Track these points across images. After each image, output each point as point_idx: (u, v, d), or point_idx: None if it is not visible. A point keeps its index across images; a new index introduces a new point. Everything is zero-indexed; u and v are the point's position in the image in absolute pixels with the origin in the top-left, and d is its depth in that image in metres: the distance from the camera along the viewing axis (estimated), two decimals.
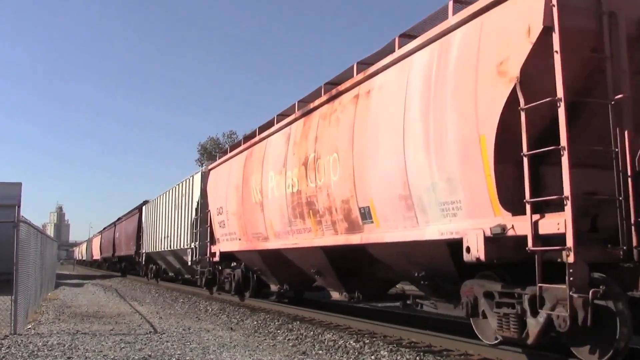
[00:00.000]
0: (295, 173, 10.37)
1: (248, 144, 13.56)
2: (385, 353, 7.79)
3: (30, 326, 10.95)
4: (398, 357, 7.54)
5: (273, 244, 11.63)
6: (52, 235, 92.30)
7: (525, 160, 5.74)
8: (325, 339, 9.13)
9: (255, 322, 11.64)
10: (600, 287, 5.40)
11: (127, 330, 10.46)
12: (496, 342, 6.74)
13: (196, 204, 19.02)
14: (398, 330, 9.31)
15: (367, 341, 8.70)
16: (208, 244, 16.47)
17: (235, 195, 13.56)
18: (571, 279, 5.46)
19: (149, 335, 9.65)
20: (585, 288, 5.43)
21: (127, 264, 40.25)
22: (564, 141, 5.47)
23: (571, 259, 5.42)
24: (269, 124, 12.61)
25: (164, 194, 25.24)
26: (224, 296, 17.64)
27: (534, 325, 6.02)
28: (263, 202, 11.85)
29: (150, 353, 7.86)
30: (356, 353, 7.91)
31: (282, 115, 12.09)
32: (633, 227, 5.49)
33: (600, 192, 5.69)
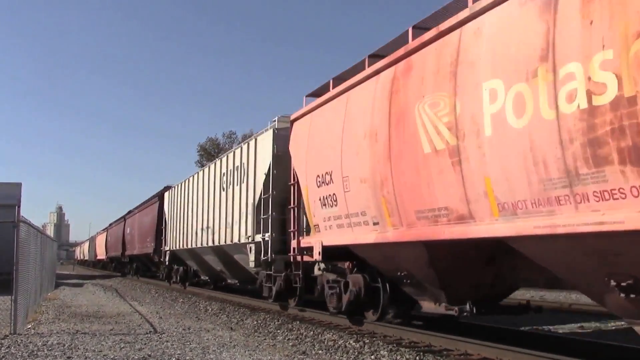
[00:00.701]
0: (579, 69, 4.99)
1: (393, 55, 8.11)
2: (385, 353, 7.79)
3: (30, 326, 10.94)
4: (398, 357, 7.54)
5: (505, 227, 6.01)
6: (52, 235, 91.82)
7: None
8: (325, 339, 9.13)
9: (255, 322, 11.63)
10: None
11: (127, 330, 10.46)
12: None
13: (263, 177, 13.16)
14: (398, 330, 9.30)
15: (367, 341, 8.69)
16: (294, 234, 11.62)
17: (368, 147, 8.42)
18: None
19: (149, 335, 9.64)
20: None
21: (140, 264, 35.06)
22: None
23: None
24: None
25: (200, 173, 19.75)
26: (267, 304, 14.27)
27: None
28: (464, 147, 6.48)
29: (150, 353, 7.85)
30: (356, 353, 7.91)
31: None
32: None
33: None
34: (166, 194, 25.53)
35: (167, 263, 24.97)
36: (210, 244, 17.51)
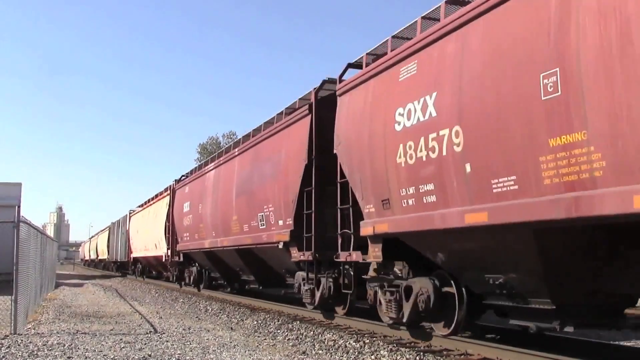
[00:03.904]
0: None
1: None
2: (385, 353, 7.79)
3: (30, 326, 10.95)
4: (398, 357, 7.54)
5: None
6: (52, 235, 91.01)
7: None
8: (325, 339, 9.13)
9: (255, 322, 11.64)
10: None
11: (127, 330, 10.46)
12: None
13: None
14: (398, 331, 9.30)
15: (367, 341, 8.69)
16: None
17: None
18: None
19: (149, 335, 9.64)
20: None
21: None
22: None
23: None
24: None
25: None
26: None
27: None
28: None
29: (150, 353, 7.86)
30: (356, 353, 7.91)
31: None
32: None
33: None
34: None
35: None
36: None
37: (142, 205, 32.37)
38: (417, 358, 7.45)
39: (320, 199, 10.88)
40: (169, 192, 24.73)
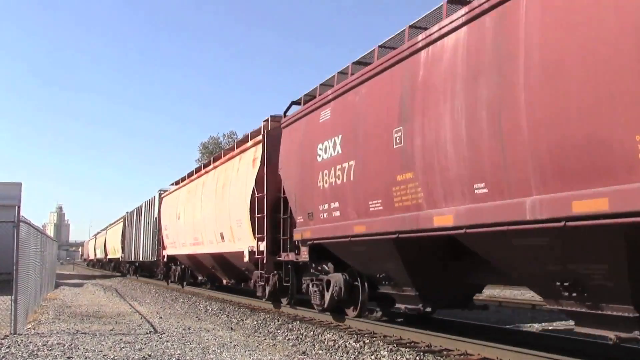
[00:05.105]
0: None
1: None
2: (385, 353, 7.79)
3: (30, 326, 10.95)
4: (398, 357, 7.54)
5: None
6: (52, 235, 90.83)
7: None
8: (325, 339, 9.13)
9: (255, 322, 11.64)
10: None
11: (127, 330, 10.46)
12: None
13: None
14: (398, 330, 9.31)
15: (367, 341, 8.70)
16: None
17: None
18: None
19: (149, 335, 9.65)
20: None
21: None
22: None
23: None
24: None
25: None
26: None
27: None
28: None
29: (150, 353, 7.86)
30: (356, 353, 7.91)
31: None
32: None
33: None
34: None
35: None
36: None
37: (183, 180, 22.43)
38: (417, 358, 7.46)
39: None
40: (261, 135, 13.67)
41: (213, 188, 17.48)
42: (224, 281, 19.25)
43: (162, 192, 26.69)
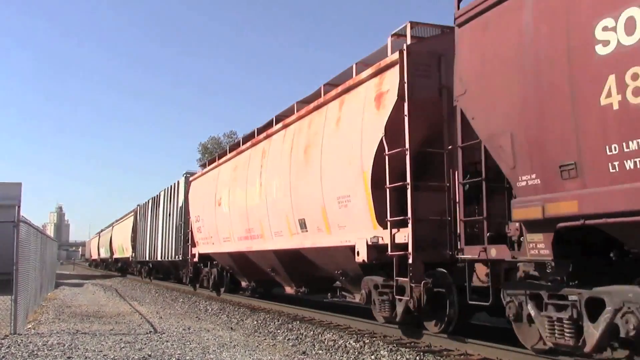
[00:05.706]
0: None
1: None
2: (385, 353, 7.79)
3: (30, 326, 10.95)
4: (398, 357, 7.54)
5: None
6: (52, 235, 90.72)
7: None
8: (325, 339, 9.13)
9: (255, 322, 11.64)
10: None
11: (127, 330, 10.46)
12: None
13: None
14: (398, 330, 9.30)
15: (367, 341, 8.70)
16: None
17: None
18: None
19: (149, 335, 9.65)
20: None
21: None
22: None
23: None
24: None
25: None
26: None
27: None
28: None
29: (150, 353, 7.86)
30: (356, 353, 7.91)
31: None
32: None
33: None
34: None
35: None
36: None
37: (220, 157, 17.14)
38: (417, 358, 7.46)
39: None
40: (393, 55, 8.57)
41: (285, 155, 11.91)
42: (287, 289, 13.78)
43: (188, 175, 21.18)
